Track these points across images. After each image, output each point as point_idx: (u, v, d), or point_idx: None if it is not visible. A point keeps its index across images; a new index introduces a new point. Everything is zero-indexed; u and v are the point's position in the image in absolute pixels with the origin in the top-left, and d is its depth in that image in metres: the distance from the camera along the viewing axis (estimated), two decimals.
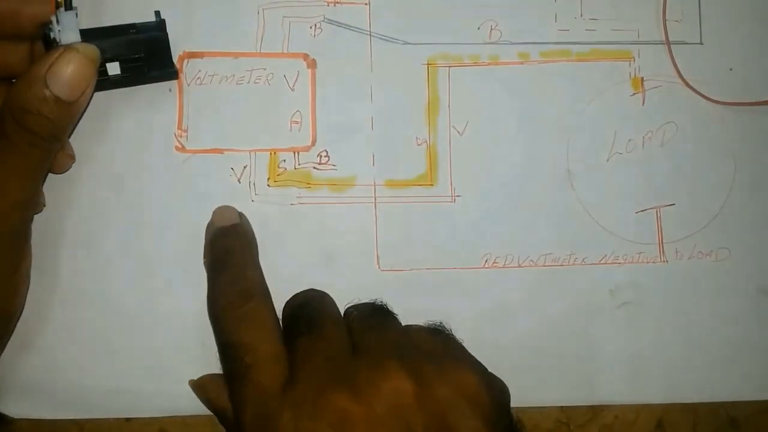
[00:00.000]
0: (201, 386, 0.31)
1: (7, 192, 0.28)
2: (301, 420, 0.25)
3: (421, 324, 0.30)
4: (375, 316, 0.30)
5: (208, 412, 0.33)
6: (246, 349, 0.28)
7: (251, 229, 0.33)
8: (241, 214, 0.33)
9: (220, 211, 0.33)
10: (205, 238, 0.32)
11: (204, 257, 0.32)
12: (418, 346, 0.28)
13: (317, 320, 0.29)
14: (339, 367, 0.27)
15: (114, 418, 0.34)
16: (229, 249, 0.31)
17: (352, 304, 0.31)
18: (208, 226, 0.33)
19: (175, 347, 0.34)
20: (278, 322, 0.29)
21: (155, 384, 0.33)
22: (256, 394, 0.27)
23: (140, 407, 0.33)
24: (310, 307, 0.30)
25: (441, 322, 0.29)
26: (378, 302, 0.31)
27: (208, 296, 0.30)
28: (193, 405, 0.33)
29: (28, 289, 0.32)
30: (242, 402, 0.27)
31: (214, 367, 0.32)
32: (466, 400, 0.26)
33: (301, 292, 0.31)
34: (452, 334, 0.30)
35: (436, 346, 0.29)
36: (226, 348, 0.28)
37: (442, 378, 0.26)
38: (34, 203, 0.31)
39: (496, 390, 0.28)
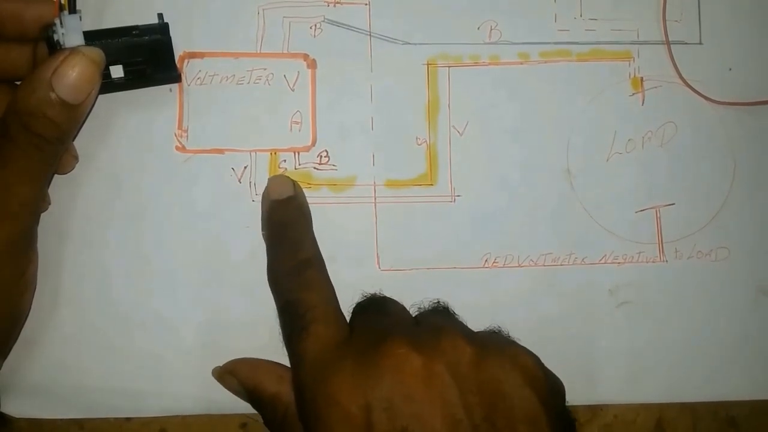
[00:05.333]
0: (231, 370, 0.31)
1: (14, 194, 0.28)
2: (359, 366, 0.25)
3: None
4: (439, 310, 0.31)
5: (209, 412, 0.33)
6: (307, 307, 0.28)
7: (305, 199, 0.32)
8: (295, 184, 0.32)
9: (275, 183, 0.32)
10: (262, 209, 0.32)
11: (262, 230, 0.32)
12: (479, 332, 0.29)
13: (385, 303, 0.30)
14: (401, 327, 0.27)
15: (114, 418, 0.34)
16: (286, 222, 0.31)
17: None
18: (264, 197, 0.32)
19: (175, 347, 0.34)
20: (335, 292, 0.30)
21: (155, 384, 0.33)
22: (316, 347, 0.27)
23: (140, 407, 0.33)
24: (377, 296, 0.31)
25: (499, 327, 0.30)
26: (442, 303, 0.31)
27: (268, 267, 0.31)
28: (193, 405, 0.33)
29: (34, 293, 0.31)
30: (301, 356, 0.27)
31: (215, 366, 0.32)
32: (521, 373, 0.26)
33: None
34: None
35: (496, 336, 0.29)
36: (287, 306, 0.29)
37: (501, 351, 0.26)
38: (40, 205, 0.31)
39: (552, 376, 0.28)
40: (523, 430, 0.24)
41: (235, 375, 0.30)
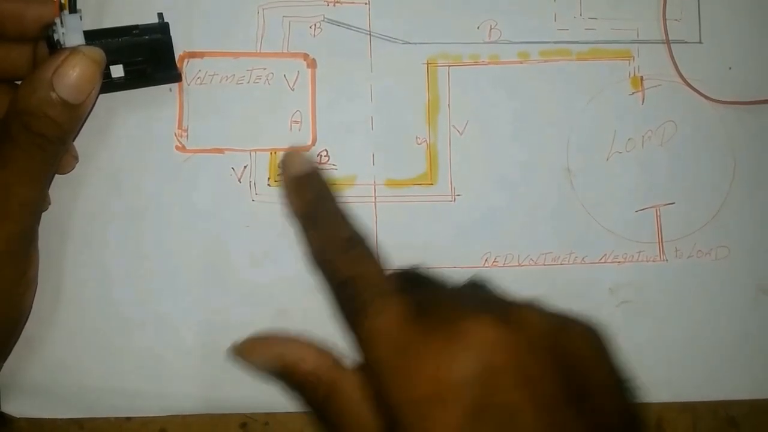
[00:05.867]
0: (260, 344, 0.28)
1: (15, 194, 0.28)
2: (442, 342, 0.24)
3: None
4: (479, 285, 0.30)
5: (209, 412, 0.33)
6: (367, 283, 0.27)
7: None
8: (312, 157, 0.31)
9: (293, 159, 0.29)
10: (286, 189, 0.29)
11: (290, 208, 0.29)
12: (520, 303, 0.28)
13: (430, 275, 0.30)
14: (470, 301, 0.26)
15: (114, 418, 0.34)
16: (319, 197, 0.29)
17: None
18: (286, 172, 0.29)
19: (175, 347, 0.34)
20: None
21: (155, 384, 0.33)
22: (388, 323, 0.26)
23: (140, 407, 0.33)
24: (420, 269, 0.30)
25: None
26: (480, 277, 0.30)
27: (310, 247, 0.28)
28: (193, 405, 0.33)
29: (35, 294, 0.31)
30: (373, 333, 0.26)
31: (214, 366, 0.32)
32: (593, 339, 0.26)
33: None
34: None
35: (550, 307, 0.28)
36: (344, 285, 0.27)
37: (572, 326, 0.26)
38: (41, 205, 0.31)
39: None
40: (603, 393, 0.25)
41: (266, 350, 0.27)
